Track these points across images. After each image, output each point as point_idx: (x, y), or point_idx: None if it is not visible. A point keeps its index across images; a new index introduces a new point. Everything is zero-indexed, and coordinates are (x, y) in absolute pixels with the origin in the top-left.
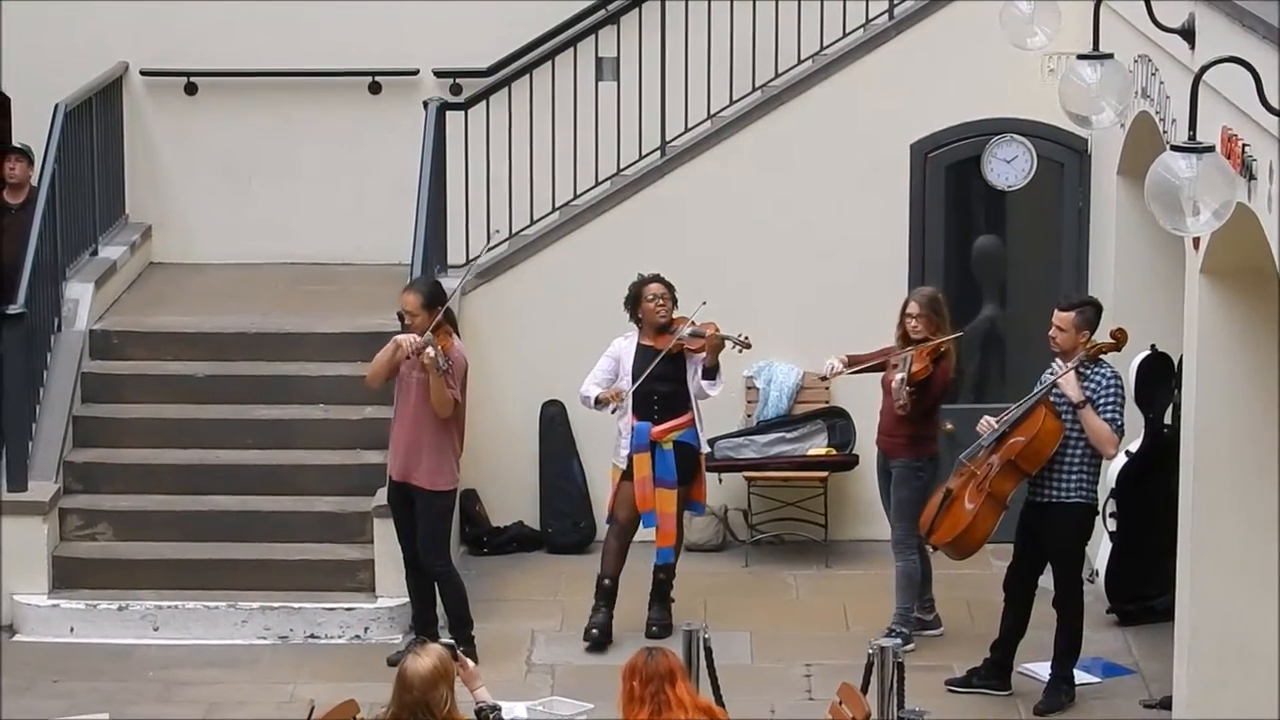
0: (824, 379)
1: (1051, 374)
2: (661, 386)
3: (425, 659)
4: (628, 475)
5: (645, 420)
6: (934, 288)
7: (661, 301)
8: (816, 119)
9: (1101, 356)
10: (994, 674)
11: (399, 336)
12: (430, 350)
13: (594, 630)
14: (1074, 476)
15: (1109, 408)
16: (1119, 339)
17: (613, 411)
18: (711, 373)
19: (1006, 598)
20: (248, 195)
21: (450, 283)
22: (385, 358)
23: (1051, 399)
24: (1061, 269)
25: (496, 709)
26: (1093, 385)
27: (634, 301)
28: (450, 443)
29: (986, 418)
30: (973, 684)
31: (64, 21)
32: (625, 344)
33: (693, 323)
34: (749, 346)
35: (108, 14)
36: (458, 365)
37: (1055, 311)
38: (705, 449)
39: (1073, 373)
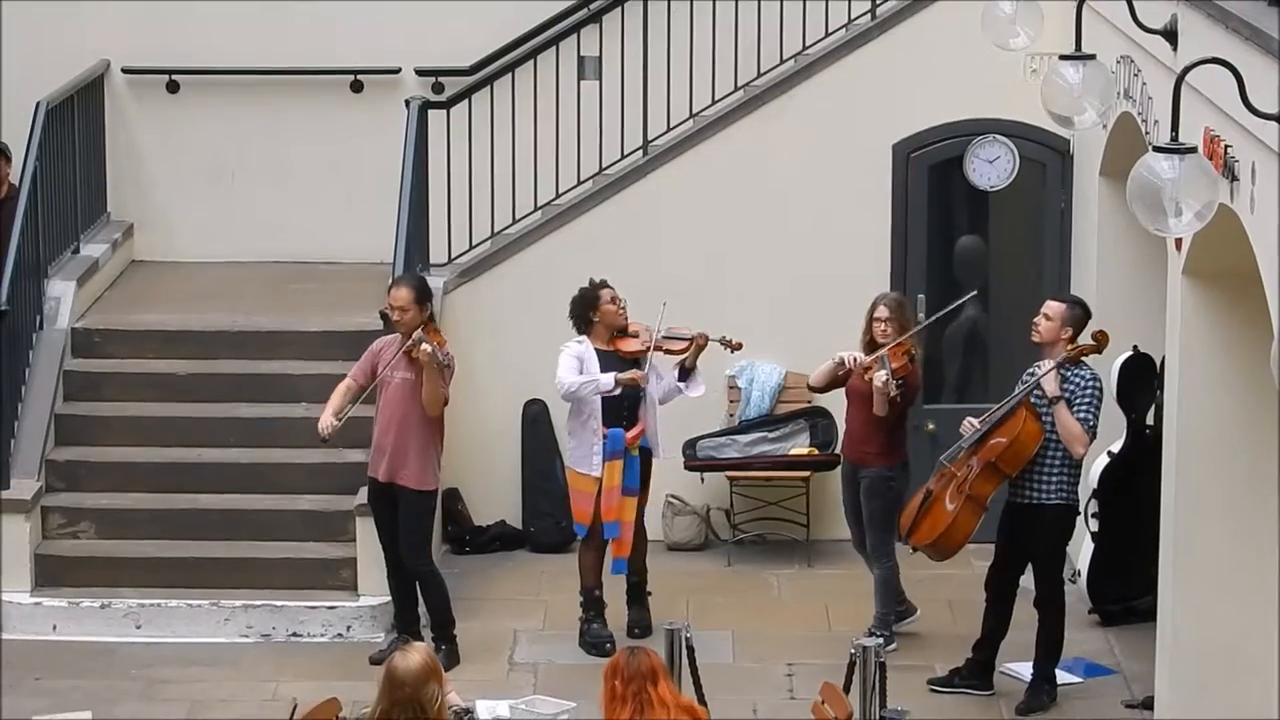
0: (864, 369)
1: (1033, 373)
2: (631, 391)
3: (415, 656)
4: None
5: (617, 426)
6: (899, 292)
7: (621, 304)
8: (799, 119)
9: (1083, 359)
10: (976, 673)
11: (324, 417)
12: (426, 346)
13: (607, 644)
14: (1055, 478)
15: (1083, 408)
16: (1100, 341)
17: (624, 393)
18: (688, 374)
19: (988, 598)
20: (230, 194)
21: (433, 282)
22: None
23: (1033, 400)
24: (1044, 270)
25: (469, 711)
26: (1072, 385)
27: (589, 306)
28: (434, 443)
29: (969, 419)
30: (955, 684)
31: (45, 19)
32: (582, 349)
33: (648, 327)
34: (739, 347)
35: (89, 12)
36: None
37: (1048, 300)
38: (664, 455)
39: (1052, 368)
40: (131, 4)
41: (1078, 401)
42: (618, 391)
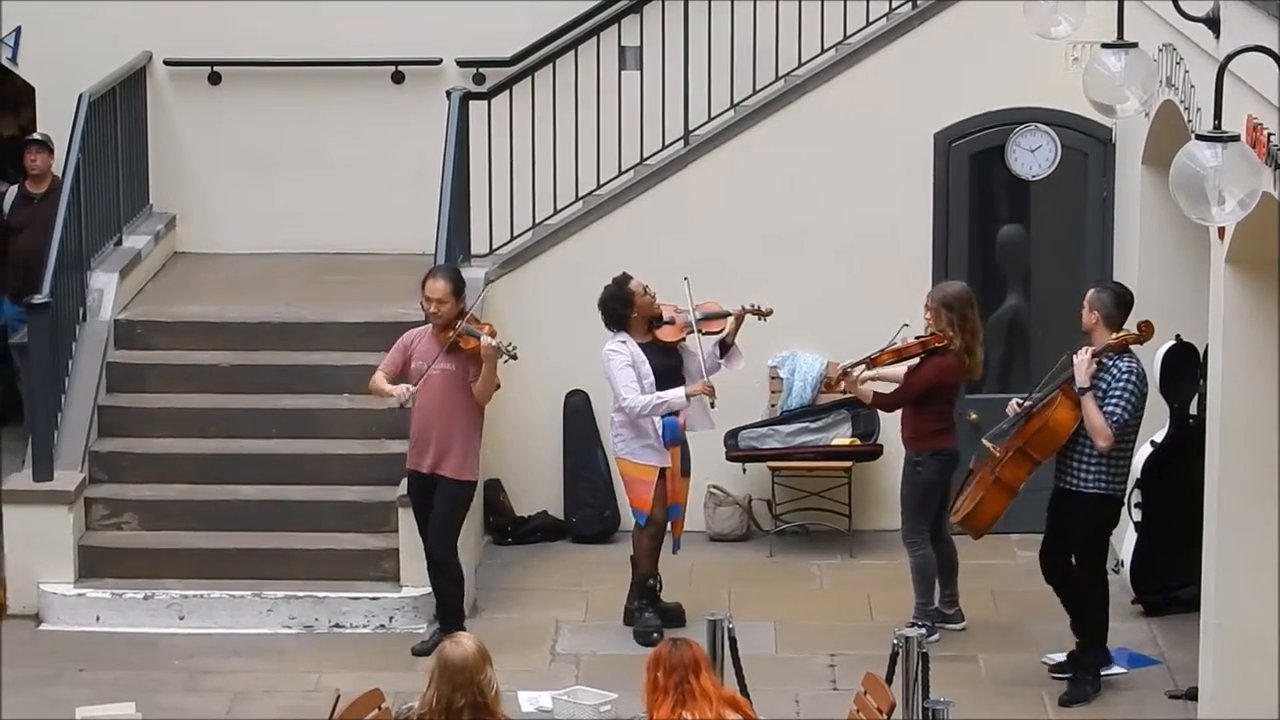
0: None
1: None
2: (675, 378)
3: (467, 642)
4: (661, 472)
5: (670, 415)
6: (959, 287)
7: (651, 292)
8: (840, 108)
9: (1128, 348)
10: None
11: (393, 389)
12: (489, 340)
13: (654, 634)
14: (1092, 467)
15: (1114, 399)
16: (1144, 332)
17: (713, 406)
18: (728, 349)
19: (1050, 584)
20: (271, 185)
21: (473, 274)
22: (374, 391)
23: (1074, 386)
24: (1085, 259)
25: None
26: (1109, 376)
27: (624, 302)
28: (477, 434)
29: (1015, 400)
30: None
31: (88, 11)
32: (630, 348)
33: (675, 308)
34: (770, 312)
35: (132, 4)
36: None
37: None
38: (715, 426)
39: (1088, 356)
40: None
41: (1112, 392)
42: (690, 405)
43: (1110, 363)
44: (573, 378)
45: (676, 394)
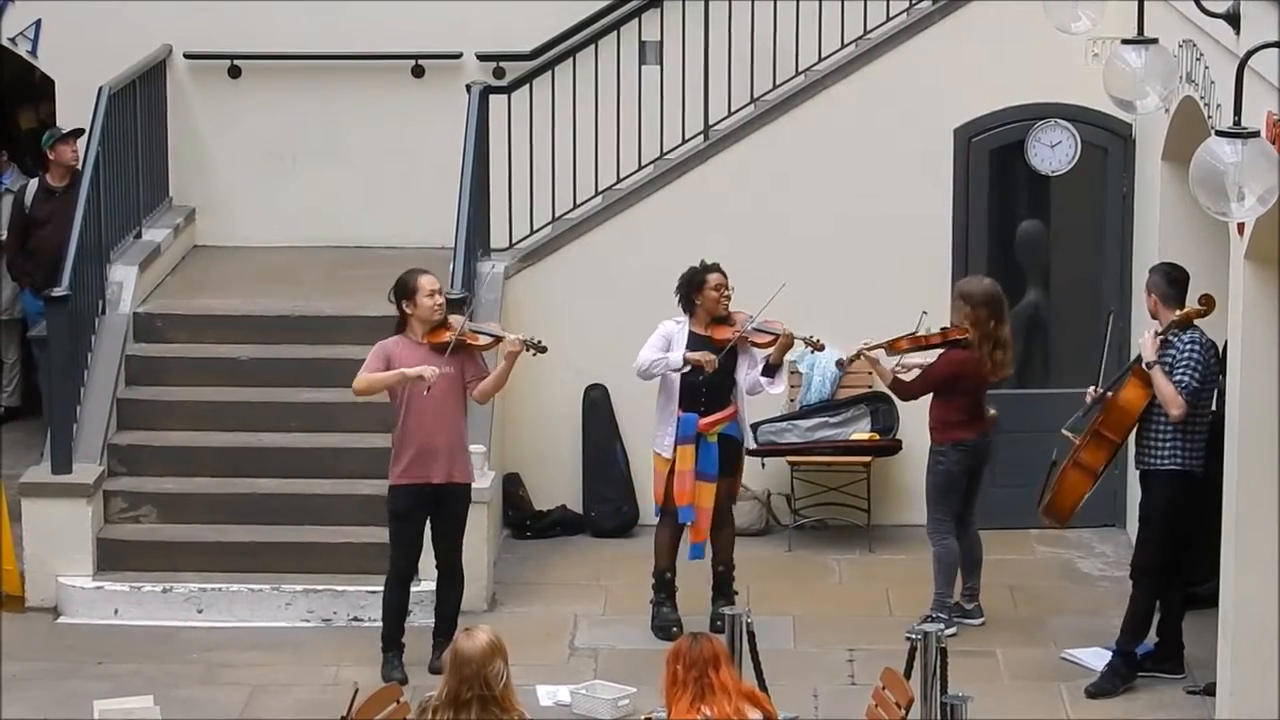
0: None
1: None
2: (711, 377)
3: (480, 635)
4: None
5: (692, 411)
6: (986, 284)
7: (725, 293)
8: (860, 103)
9: (1192, 323)
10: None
11: (419, 369)
12: (517, 335)
13: (674, 629)
14: (1168, 442)
15: (1181, 369)
16: (1206, 305)
17: (700, 378)
18: (773, 370)
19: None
20: (291, 179)
21: (494, 267)
22: (388, 381)
23: (1145, 366)
24: (1105, 254)
25: None
26: (1174, 350)
27: (693, 288)
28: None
29: (1092, 388)
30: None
31: (108, 4)
32: (676, 329)
33: (750, 317)
34: (821, 348)
35: None
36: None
37: None
38: (750, 444)
39: (1151, 334)
40: None
41: (1179, 363)
42: (686, 369)
43: (1174, 338)
44: (592, 372)
45: (675, 355)
